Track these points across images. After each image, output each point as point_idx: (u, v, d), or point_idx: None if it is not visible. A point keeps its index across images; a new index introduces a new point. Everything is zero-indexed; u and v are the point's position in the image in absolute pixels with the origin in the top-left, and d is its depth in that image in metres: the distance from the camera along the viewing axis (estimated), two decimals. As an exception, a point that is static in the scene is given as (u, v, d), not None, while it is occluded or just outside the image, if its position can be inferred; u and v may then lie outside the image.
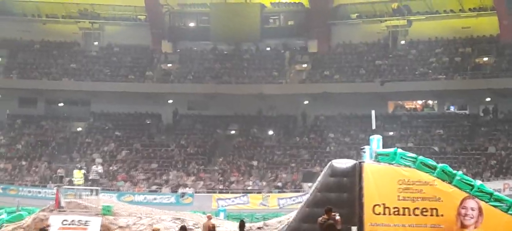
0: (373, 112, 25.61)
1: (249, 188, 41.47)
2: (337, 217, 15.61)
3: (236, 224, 16.06)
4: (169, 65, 53.10)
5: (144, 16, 53.71)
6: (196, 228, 22.11)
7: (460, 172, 20.28)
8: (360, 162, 20.95)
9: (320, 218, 14.66)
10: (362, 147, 23.28)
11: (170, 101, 51.32)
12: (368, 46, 51.47)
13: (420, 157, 20.71)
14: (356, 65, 49.85)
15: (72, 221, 24.52)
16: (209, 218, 22.41)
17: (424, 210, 19.79)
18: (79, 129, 50.72)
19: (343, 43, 52.05)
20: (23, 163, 45.18)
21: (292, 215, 22.21)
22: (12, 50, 52.76)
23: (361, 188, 20.14)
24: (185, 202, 39.01)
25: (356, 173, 20.45)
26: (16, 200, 36.82)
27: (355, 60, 50.54)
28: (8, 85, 50.28)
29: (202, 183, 42.28)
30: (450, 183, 19.63)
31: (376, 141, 21.82)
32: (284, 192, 40.18)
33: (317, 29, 51.89)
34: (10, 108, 51.72)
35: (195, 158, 45.88)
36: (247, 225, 19.80)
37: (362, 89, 47.12)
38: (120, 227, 24.45)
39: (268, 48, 53.99)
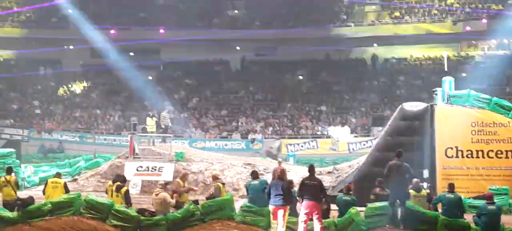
0: (445, 53, 25.08)
1: (318, 133, 41.48)
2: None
3: (305, 169, 16.23)
4: (236, 11, 53.09)
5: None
6: (266, 173, 22.44)
7: (536, 113, 19.78)
8: (431, 105, 20.74)
9: (392, 163, 14.65)
10: (434, 89, 22.92)
11: (238, 48, 51.48)
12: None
13: (495, 98, 20.28)
14: (427, 5, 48.45)
15: (147, 167, 25.33)
16: (279, 163, 22.71)
17: (498, 152, 19.52)
18: (150, 78, 51.67)
19: (413, -17, 50.63)
20: (98, 111, 46.58)
21: (362, 160, 22.27)
22: (83, 1, 53.82)
23: (433, 131, 19.98)
24: (255, 148, 39.45)
25: (427, 116, 20.27)
26: (93, 147, 38.30)
27: (426, -1, 49.16)
28: (80, 36, 51.60)
29: (271, 128, 42.58)
30: (526, 124, 19.22)
31: (448, 83, 21.45)
32: (354, 136, 39.99)
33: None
34: (83, 59, 53.23)
35: (264, 104, 46.14)
36: (317, 169, 19.95)
37: (434, 30, 45.82)
38: (193, 172, 25.09)
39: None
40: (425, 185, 17.55)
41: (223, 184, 16.86)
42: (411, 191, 15.27)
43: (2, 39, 50.76)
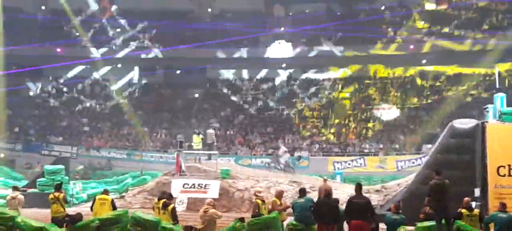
0: (496, 69, 24.69)
1: (365, 150, 41.10)
2: None
3: (352, 187, 16.07)
4: (282, 29, 53.12)
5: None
6: (313, 190, 22.29)
7: None
8: (482, 122, 20.31)
9: (433, 182, 14.35)
10: (485, 106, 22.55)
11: (284, 64, 51.55)
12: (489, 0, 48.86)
13: (548, 115, 19.83)
14: (478, 21, 47.58)
15: (193, 184, 25.47)
16: (325, 181, 22.55)
17: (552, 171, 18.98)
18: (196, 95, 52.15)
19: (463, -1, 49.87)
20: (145, 129, 47.21)
21: (411, 178, 21.94)
22: (131, 23, 54.55)
23: (484, 149, 19.53)
24: (301, 165, 39.22)
25: (478, 133, 19.85)
26: (140, 164, 38.79)
27: (476, 15, 48.19)
28: (129, 54, 52.49)
29: (317, 146, 42.38)
30: None
31: (500, 99, 21.05)
32: (402, 154, 39.51)
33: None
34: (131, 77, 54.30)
35: (310, 121, 45.98)
36: (365, 188, 19.72)
37: (484, 45, 44.89)
38: (239, 190, 25.11)
39: (383, 7, 52.56)
40: (473, 204, 17.15)
41: (264, 201, 16.70)
42: (463, 211, 14.93)
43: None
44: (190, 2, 54.91)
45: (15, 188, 19.14)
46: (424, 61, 48.30)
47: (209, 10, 55.82)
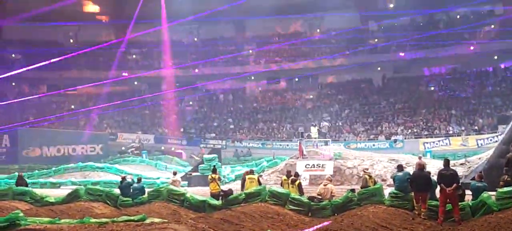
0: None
1: (450, 132, 39.14)
2: None
3: (441, 162, 15.39)
4: (376, 40, 51.88)
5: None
6: (408, 166, 21.69)
7: None
8: (551, 104, 18.84)
9: (510, 154, 13.36)
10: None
11: (379, 68, 50.28)
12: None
13: None
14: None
15: (313, 164, 25.57)
16: (420, 158, 21.84)
17: None
18: (311, 96, 52.12)
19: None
20: (274, 124, 47.80)
21: (490, 153, 20.75)
22: (259, 44, 55.61)
23: (553, 125, 18.14)
24: (397, 147, 38.15)
25: (548, 113, 18.46)
26: (272, 151, 39.31)
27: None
28: (258, 69, 53.38)
29: (410, 130, 40.92)
30: None
31: None
32: (481, 134, 37.21)
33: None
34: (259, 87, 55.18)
35: (402, 111, 44.50)
36: (451, 162, 18.86)
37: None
38: (348, 168, 24.93)
39: (458, 16, 49.87)
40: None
41: (370, 176, 16.43)
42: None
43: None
44: (303, 26, 54.91)
45: (174, 173, 20.15)
46: (495, 57, 45.14)
47: (318, 30, 55.54)
